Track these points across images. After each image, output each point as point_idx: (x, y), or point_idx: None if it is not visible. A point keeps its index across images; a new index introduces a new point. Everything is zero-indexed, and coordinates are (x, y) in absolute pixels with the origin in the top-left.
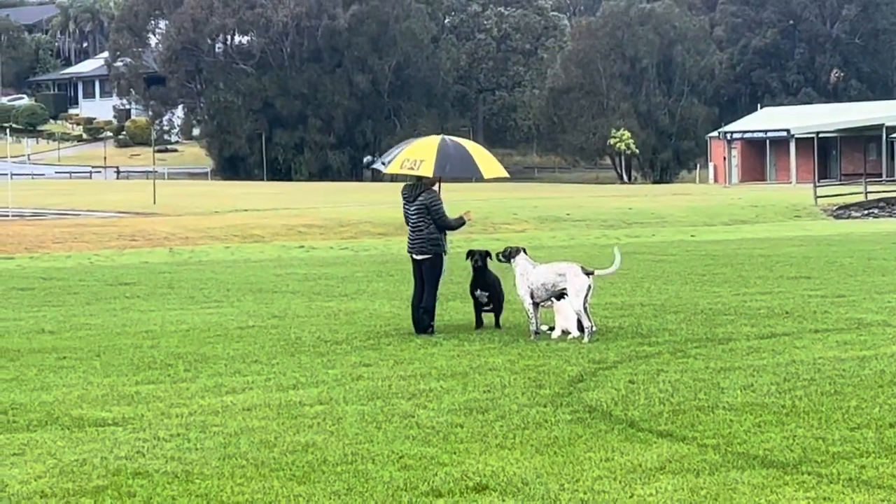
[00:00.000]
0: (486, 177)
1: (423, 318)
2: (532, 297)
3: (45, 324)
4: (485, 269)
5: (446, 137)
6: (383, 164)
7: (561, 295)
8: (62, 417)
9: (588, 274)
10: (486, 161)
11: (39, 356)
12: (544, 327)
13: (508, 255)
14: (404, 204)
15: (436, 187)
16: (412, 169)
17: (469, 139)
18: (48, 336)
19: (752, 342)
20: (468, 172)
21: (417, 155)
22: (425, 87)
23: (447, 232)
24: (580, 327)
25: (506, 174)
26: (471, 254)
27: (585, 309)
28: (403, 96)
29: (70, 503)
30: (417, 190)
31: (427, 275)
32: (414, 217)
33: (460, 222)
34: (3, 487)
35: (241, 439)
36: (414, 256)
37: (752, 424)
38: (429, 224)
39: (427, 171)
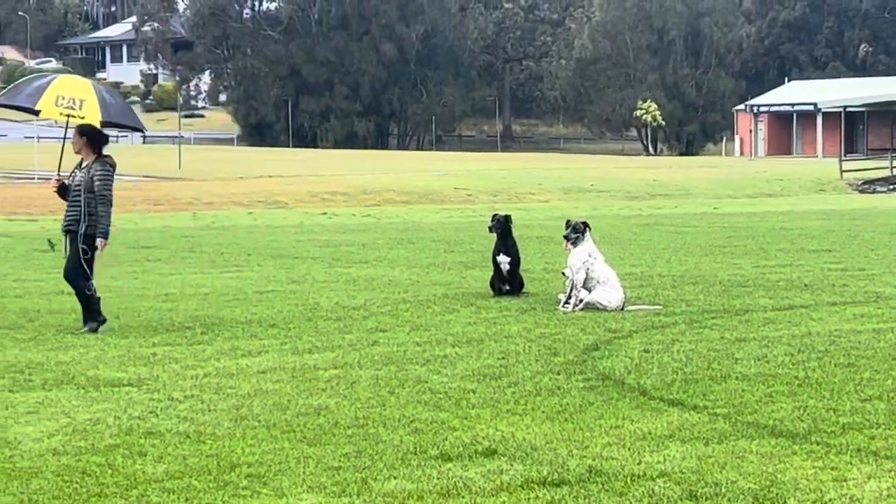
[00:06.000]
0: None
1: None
2: (584, 282)
3: (65, 285)
4: (508, 234)
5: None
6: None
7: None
8: (78, 377)
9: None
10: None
11: (58, 317)
12: (562, 296)
13: (583, 230)
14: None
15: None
16: (72, 109)
17: None
18: (68, 297)
19: (768, 314)
20: (124, 119)
21: (74, 92)
22: (452, 55)
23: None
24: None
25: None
26: (492, 219)
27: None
28: (430, 65)
29: (82, 461)
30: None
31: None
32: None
33: None
34: (17, 445)
35: (253, 401)
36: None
37: (764, 394)
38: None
39: (93, 115)
